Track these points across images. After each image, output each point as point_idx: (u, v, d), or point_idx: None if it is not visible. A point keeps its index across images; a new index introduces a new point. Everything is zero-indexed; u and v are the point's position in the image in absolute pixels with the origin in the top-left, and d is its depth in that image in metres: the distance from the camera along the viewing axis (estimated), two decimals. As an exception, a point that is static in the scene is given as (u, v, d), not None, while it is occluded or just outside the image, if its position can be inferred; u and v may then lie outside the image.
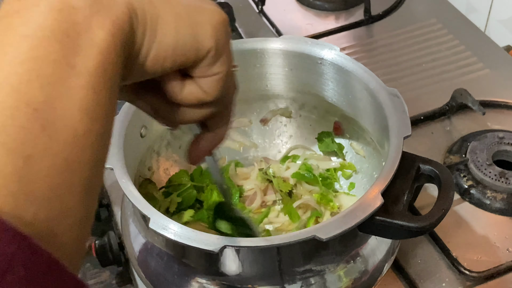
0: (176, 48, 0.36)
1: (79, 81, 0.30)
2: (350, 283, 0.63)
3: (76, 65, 0.30)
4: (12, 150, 0.27)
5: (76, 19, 0.31)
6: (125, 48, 0.33)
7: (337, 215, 0.56)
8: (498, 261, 0.74)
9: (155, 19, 0.35)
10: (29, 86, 0.29)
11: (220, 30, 0.38)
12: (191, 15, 0.36)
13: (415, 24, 1.09)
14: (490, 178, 0.80)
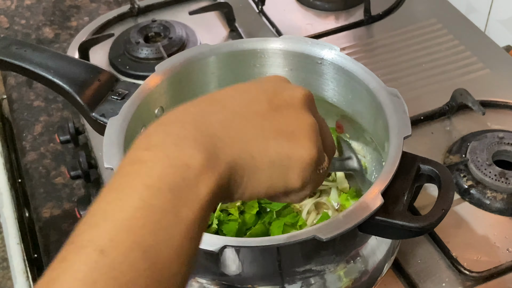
0: (268, 190, 0.42)
1: (181, 229, 0.35)
2: (350, 283, 0.63)
3: (181, 216, 0.35)
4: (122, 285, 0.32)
5: (188, 176, 0.36)
6: (222, 196, 0.39)
7: (337, 215, 0.56)
8: (498, 261, 0.74)
9: (253, 170, 0.41)
10: (143, 230, 0.34)
11: (307, 171, 0.43)
12: (283, 161, 0.42)
13: (415, 24, 1.09)
14: (490, 178, 0.80)
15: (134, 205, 0.34)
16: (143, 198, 0.35)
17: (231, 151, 0.39)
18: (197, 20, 1.11)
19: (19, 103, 1.02)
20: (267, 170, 0.41)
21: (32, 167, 0.92)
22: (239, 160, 0.39)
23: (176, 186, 0.36)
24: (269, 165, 0.41)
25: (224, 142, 0.39)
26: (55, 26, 1.17)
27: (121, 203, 0.35)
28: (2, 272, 1.52)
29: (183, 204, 0.36)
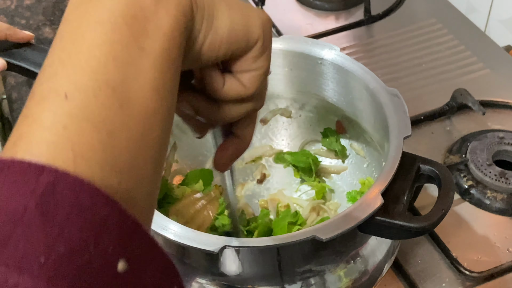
0: (230, 35, 0.38)
1: (148, 62, 0.32)
2: (350, 283, 0.63)
3: (145, 48, 0.32)
4: (97, 125, 0.30)
5: (143, 5, 0.33)
6: (186, 32, 0.36)
7: (337, 215, 0.56)
8: (498, 261, 0.74)
9: (212, 7, 0.37)
10: (107, 68, 0.31)
11: (267, 25, 0.40)
12: (242, 8, 0.39)
13: (415, 24, 1.09)
14: (490, 178, 0.80)
15: (92, 43, 0.31)
16: (99, 36, 0.32)
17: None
18: (197, 20, 1.11)
19: (19, 103, 1.02)
20: (225, 10, 0.38)
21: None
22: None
23: (133, 17, 0.33)
24: (227, 5, 0.38)
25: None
26: (55, 26, 1.17)
27: (76, 45, 0.32)
28: (2, 272, 1.52)
29: (145, 35, 0.33)
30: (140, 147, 0.32)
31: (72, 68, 0.31)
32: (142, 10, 0.33)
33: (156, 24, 0.33)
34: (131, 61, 0.32)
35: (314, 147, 0.83)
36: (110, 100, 0.31)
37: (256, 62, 0.41)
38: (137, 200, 0.31)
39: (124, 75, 0.31)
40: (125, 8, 0.33)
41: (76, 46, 0.32)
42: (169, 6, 0.34)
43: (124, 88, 0.31)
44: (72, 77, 0.31)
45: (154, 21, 0.33)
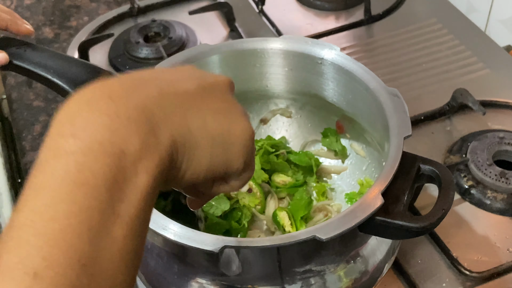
0: (209, 169, 0.38)
1: (122, 230, 0.31)
2: (350, 283, 0.63)
3: (120, 213, 0.31)
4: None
5: (125, 165, 0.32)
6: (163, 180, 0.35)
7: (337, 215, 0.56)
8: (498, 261, 0.74)
9: (194, 147, 0.37)
10: (80, 240, 0.29)
11: (247, 148, 0.41)
12: (225, 138, 0.39)
13: (415, 24, 1.09)
14: (490, 178, 0.80)
15: (67, 210, 0.29)
16: (77, 201, 0.30)
17: (168, 128, 0.35)
18: (197, 20, 1.11)
19: (19, 103, 1.02)
20: (207, 147, 0.37)
21: (32, 167, 0.92)
22: (178, 138, 0.35)
23: (113, 179, 0.31)
24: (209, 141, 0.38)
25: (160, 117, 0.34)
26: (55, 26, 1.17)
27: (51, 210, 0.29)
28: (2, 272, 1.51)
29: (121, 199, 0.31)
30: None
31: (44, 238, 0.29)
32: (123, 172, 0.32)
33: (135, 186, 0.32)
34: (105, 231, 0.30)
35: (313, 148, 0.83)
36: (80, 278, 0.29)
37: (240, 177, 0.42)
38: None
39: (96, 247, 0.30)
40: (106, 168, 0.31)
41: (51, 211, 0.30)
42: (150, 164, 0.33)
43: (95, 264, 0.30)
44: (43, 250, 0.28)
45: (133, 182, 0.32)
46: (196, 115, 0.37)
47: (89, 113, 0.32)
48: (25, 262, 0.28)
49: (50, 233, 0.29)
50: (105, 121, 0.32)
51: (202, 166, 0.38)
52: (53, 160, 0.32)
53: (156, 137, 0.34)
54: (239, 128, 0.40)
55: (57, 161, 0.31)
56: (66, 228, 0.29)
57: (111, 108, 0.33)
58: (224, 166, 0.39)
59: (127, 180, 0.32)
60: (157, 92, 0.36)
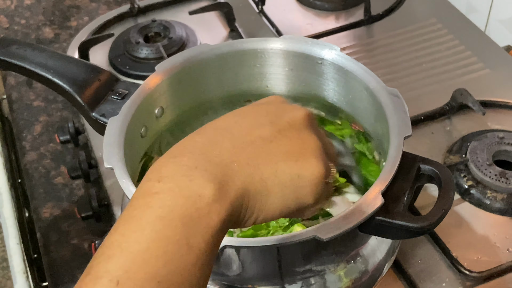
0: (282, 211, 0.43)
1: (192, 259, 0.36)
2: (350, 283, 0.63)
3: (192, 245, 0.37)
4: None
5: (199, 206, 0.38)
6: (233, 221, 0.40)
7: (337, 215, 0.56)
8: (498, 261, 0.74)
9: (265, 194, 0.41)
10: (157, 261, 0.35)
11: (318, 188, 0.44)
12: (295, 183, 0.43)
13: (415, 24, 1.09)
14: (490, 178, 0.80)
15: (148, 236, 0.36)
16: (156, 230, 0.36)
17: (241, 177, 0.40)
18: (197, 20, 1.11)
19: (19, 103, 1.02)
20: (279, 192, 0.42)
21: (32, 167, 0.92)
22: (249, 186, 0.40)
23: (188, 217, 0.37)
24: (281, 187, 0.42)
25: (233, 169, 0.40)
26: (55, 26, 1.17)
27: (135, 235, 0.36)
28: (2, 272, 1.52)
29: (195, 234, 0.37)
30: None
31: (128, 255, 0.35)
32: (198, 211, 0.37)
33: (206, 224, 0.37)
34: (178, 258, 0.36)
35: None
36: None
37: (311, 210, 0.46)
38: None
39: (170, 270, 0.35)
40: (183, 207, 0.37)
41: (136, 235, 0.36)
42: (221, 208, 0.38)
43: (167, 282, 0.35)
44: (126, 265, 0.35)
45: (205, 221, 0.37)
46: (268, 163, 0.42)
47: (173, 165, 0.39)
48: (111, 272, 0.34)
49: (132, 252, 0.35)
50: (185, 171, 0.39)
51: (275, 209, 0.42)
52: (140, 199, 0.38)
53: (228, 186, 0.39)
54: (309, 171, 0.43)
55: (144, 199, 0.38)
56: (146, 250, 0.35)
57: (192, 161, 0.39)
58: (296, 206, 0.44)
59: (200, 218, 0.37)
60: (232, 145, 0.41)
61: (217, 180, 0.39)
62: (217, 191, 0.38)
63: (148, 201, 0.38)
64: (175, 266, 0.35)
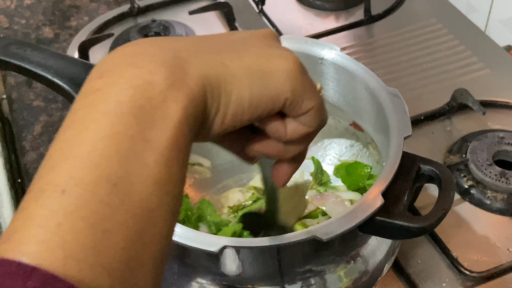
0: (251, 103, 0.36)
1: (153, 155, 0.31)
2: (350, 283, 0.63)
3: (150, 139, 0.31)
4: (93, 224, 0.28)
5: (151, 94, 0.32)
6: (199, 117, 0.34)
7: (337, 215, 0.56)
8: (498, 261, 0.74)
9: (229, 80, 0.35)
10: (109, 161, 0.30)
11: (293, 75, 0.38)
12: (263, 67, 0.37)
13: (415, 24, 1.09)
14: (490, 178, 0.80)
15: (94, 136, 0.30)
16: (103, 128, 0.31)
17: (198, 61, 0.34)
18: (197, 20, 1.11)
19: (19, 103, 1.02)
20: (245, 78, 0.36)
21: (31, 167, 0.92)
22: (209, 70, 0.34)
23: (139, 108, 0.31)
24: (247, 71, 0.36)
25: (189, 54, 0.34)
26: (55, 26, 1.17)
27: (79, 137, 0.31)
28: (2, 272, 1.51)
29: (152, 126, 0.31)
30: (138, 246, 0.30)
31: (72, 161, 0.30)
32: (150, 100, 0.32)
33: (164, 114, 0.32)
34: (135, 155, 0.31)
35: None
36: (109, 196, 0.29)
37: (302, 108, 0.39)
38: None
39: (126, 169, 0.30)
40: (132, 99, 0.32)
41: (79, 137, 0.31)
42: (178, 94, 0.33)
43: (126, 184, 0.30)
44: (71, 171, 0.30)
45: (162, 111, 0.32)
46: (230, 49, 0.36)
47: (115, 57, 0.34)
48: (54, 182, 0.29)
49: (77, 156, 0.30)
50: (130, 60, 0.33)
51: (243, 100, 0.36)
52: (81, 101, 0.33)
53: (184, 70, 0.33)
54: (278, 55, 0.38)
55: (84, 100, 0.33)
56: (93, 151, 0.30)
57: (137, 48, 0.34)
58: (269, 98, 0.37)
59: (154, 108, 0.32)
60: (190, 39, 0.36)
61: (169, 64, 0.33)
62: (170, 75, 0.33)
63: (90, 100, 0.32)
64: (132, 165, 0.30)
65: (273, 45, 0.39)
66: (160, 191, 0.31)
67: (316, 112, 0.41)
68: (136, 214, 0.30)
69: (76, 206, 0.29)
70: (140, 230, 0.30)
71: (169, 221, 0.32)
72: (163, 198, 0.31)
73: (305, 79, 0.39)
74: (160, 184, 0.31)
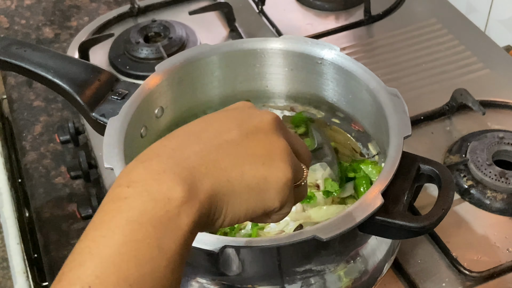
0: (247, 214, 0.43)
1: (164, 261, 0.37)
2: (350, 283, 0.63)
3: (163, 247, 0.37)
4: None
5: (169, 208, 0.38)
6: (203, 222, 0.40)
7: (337, 215, 0.56)
8: (498, 261, 0.74)
9: (232, 195, 0.42)
10: (128, 265, 0.36)
11: (283, 192, 0.44)
12: (260, 186, 0.43)
13: (415, 24, 1.09)
14: (490, 178, 0.80)
15: (118, 241, 0.36)
16: (126, 234, 0.36)
17: (209, 180, 0.41)
18: (197, 20, 1.11)
19: (19, 103, 1.02)
20: (244, 193, 0.42)
21: (32, 167, 0.92)
22: (217, 187, 0.41)
23: (158, 219, 0.37)
24: (246, 188, 0.42)
25: (201, 172, 0.41)
26: (55, 26, 1.17)
27: (105, 239, 0.36)
28: (2, 272, 1.52)
29: (166, 236, 0.37)
30: None
31: (98, 260, 0.36)
32: (167, 213, 0.38)
33: (177, 226, 0.38)
34: (150, 260, 0.36)
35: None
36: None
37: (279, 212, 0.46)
38: None
39: (141, 272, 0.36)
40: (153, 211, 0.37)
41: (106, 240, 0.36)
42: (191, 209, 0.39)
43: (139, 284, 0.35)
44: (97, 271, 0.35)
45: (175, 223, 0.38)
46: (235, 165, 0.42)
47: (142, 169, 0.40)
48: (82, 278, 0.35)
49: (103, 257, 0.36)
50: (154, 175, 0.39)
51: (241, 210, 0.42)
52: (110, 204, 0.39)
53: (197, 188, 0.40)
54: (275, 175, 0.43)
55: (113, 204, 0.38)
56: (116, 254, 0.36)
57: (160, 166, 0.40)
58: (262, 209, 0.44)
59: (170, 220, 0.38)
60: (200, 149, 0.42)
61: (186, 182, 0.39)
62: (186, 193, 0.39)
63: (118, 205, 0.38)
64: (146, 269, 0.36)
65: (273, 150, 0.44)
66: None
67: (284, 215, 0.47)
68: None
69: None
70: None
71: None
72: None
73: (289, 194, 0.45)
74: (165, 286, 0.37)
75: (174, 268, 0.38)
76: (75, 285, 0.35)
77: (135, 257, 0.36)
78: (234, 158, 0.43)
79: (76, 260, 0.36)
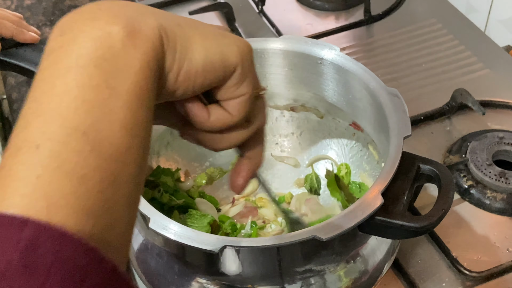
0: (205, 64, 0.38)
1: (118, 102, 0.33)
2: (350, 283, 0.63)
3: (114, 87, 0.33)
4: (68, 172, 0.30)
5: (111, 43, 0.34)
6: (158, 65, 0.36)
7: (337, 215, 0.56)
8: (498, 261, 0.74)
9: (185, 39, 0.37)
10: (76, 112, 0.32)
11: (245, 52, 0.41)
12: (218, 38, 0.39)
13: (415, 24, 1.09)
14: (490, 178, 0.80)
15: (60, 91, 0.32)
16: (68, 82, 0.32)
17: (154, 16, 0.36)
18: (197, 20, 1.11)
19: (19, 103, 1.02)
20: (200, 41, 0.38)
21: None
22: (165, 25, 0.36)
23: (101, 58, 0.33)
24: (202, 36, 0.38)
25: (145, 11, 0.37)
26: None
27: (47, 94, 0.32)
28: (2, 272, 1.52)
29: (114, 74, 0.33)
30: (113, 188, 0.32)
31: (43, 117, 0.32)
32: (111, 49, 0.33)
33: (126, 62, 0.34)
34: (101, 103, 0.32)
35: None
36: (81, 144, 0.31)
37: (239, 89, 0.41)
38: (112, 240, 0.32)
39: (94, 117, 0.32)
40: (93, 50, 0.33)
41: (47, 95, 0.32)
42: (138, 43, 0.34)
43: (95, 131, 0.32)
44: (43, 127, 0.31)
45: (123, 59, 0.34)
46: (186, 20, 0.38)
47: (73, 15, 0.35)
48: (28, 139, 0.31)
49: (47, 112, 0.32)
50: (87, 15, 0.35)
51: (197, 61, 0.38)
52: (46, 60, 0.34)
53: (141, 21, 0.35)
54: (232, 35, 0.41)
55: (48, 58, 0.34)
56: (60, 105, 0.32)
57: (93, 6, 0.35)
58: (221, 63, 0.39)
59: (115, 56, 0.33)
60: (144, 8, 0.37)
61: (127, 15, 0.35)
62: (128, 24, 0.34)
63: (53, 58, 0.34)
64: (99, 112, 0.32)
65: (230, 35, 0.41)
66: (128, 134, 0.33)
67: (245, 101, 0.42)
68: (107, 158, 0.32)
69: (51, 158, 0.30)
70: (113, 172, 0.32)
71: (139, 162, 0.34)
72: (131, 141, 0.33)
73: (252, 65, 0.42)
74: (127, 128, 0.33)
75: (133, 108, 0.33)
76: (22, 147, 0.31)
77: (82, 103, 0.32)
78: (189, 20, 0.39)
79: (21, 125, 0.32)
